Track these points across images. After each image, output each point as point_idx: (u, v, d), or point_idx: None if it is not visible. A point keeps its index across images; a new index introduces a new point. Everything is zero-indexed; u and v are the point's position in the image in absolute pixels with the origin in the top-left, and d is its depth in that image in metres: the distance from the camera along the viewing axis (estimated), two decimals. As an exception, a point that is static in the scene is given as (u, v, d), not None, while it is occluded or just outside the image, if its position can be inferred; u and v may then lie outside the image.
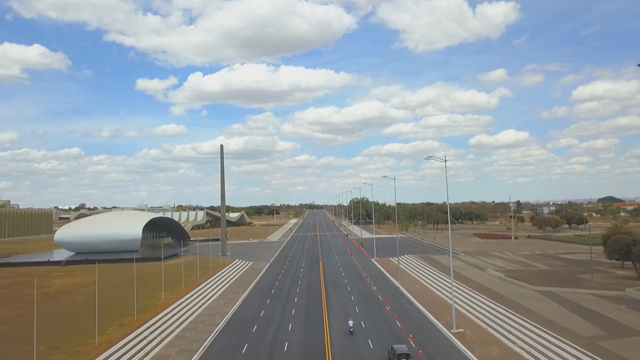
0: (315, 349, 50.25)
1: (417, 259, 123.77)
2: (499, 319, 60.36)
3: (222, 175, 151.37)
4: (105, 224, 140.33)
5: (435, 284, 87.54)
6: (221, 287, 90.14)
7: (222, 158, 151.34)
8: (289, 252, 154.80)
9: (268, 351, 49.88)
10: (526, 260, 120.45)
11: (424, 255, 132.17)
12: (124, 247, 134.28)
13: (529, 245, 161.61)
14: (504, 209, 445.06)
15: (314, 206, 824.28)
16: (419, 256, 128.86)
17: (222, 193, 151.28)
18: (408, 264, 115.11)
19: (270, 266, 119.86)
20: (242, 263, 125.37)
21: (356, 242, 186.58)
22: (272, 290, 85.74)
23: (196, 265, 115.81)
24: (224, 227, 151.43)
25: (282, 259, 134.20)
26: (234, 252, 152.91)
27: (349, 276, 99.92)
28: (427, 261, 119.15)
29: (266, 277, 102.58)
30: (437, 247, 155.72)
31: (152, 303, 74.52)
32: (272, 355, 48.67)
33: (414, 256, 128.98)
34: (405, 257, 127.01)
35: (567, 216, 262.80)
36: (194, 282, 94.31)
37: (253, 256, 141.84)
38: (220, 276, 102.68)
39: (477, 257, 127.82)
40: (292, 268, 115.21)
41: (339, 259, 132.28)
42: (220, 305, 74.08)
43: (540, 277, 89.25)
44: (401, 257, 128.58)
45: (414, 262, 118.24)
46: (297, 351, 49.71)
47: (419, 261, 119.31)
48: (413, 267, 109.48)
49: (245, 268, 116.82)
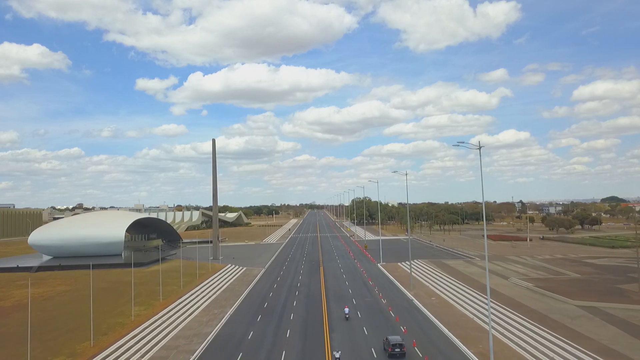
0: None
1: (428, 264, 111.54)
2: (546, 347, 48.17)
3: (214, 172, 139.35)
4: (85, 226, 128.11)
5: (454, 295, 75.32)
6: (206, 299, 77.99)
7: (214, 154, 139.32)
8: (287, 255, 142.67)
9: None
10: (549, 265, 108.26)
11: (434, 260, 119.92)
12: (105, 250, 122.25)
13: (546, 248, 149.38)
14: (508, 209, 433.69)
15: (315, 206, 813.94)
16: (430, 261, 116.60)
17: (215, 191, 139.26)
18: (419, 270, 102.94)
19: (266, 272, 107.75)
20: (235, 269, 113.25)
21: (359, 244, 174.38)
22: (265, 304, 73.63)
23: (183, 272, 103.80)
24: (216, 229, 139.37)
25: (279, 264, 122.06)
26: (227, 256, 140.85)
27: (354, 285, 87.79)
28: (439, 267, 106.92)
29: (260, 286, 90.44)
30: (448, 251, 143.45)
31: (119, 322, 62.33)
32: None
33: (424, 261, 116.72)
34: (414, 263, 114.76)
35: (579, 216, 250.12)
36: (175, 293, 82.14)
37: (247, 260, 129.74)
38: (208, 285, 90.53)
39: (494, 262, 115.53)
40: (290, 275, 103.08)
41: (342, 263, 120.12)
42: (201, 323, 61.98)
43: (576, 288, 77.00)
44: (410, 262, 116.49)
45: (426, 268, 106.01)
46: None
47: (430, 267, 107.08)
48: (425, 275, 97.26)
49: (237, 275, 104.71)
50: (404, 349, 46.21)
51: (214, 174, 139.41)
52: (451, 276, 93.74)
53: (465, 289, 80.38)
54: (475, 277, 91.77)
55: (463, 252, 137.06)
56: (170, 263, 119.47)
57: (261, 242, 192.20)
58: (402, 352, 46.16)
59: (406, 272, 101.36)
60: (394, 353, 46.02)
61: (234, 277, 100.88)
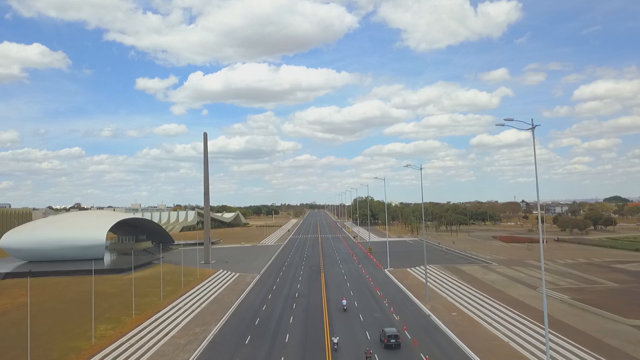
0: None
1: (441, 270, 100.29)
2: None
3: (205, 169, 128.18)
4: (63, 227, 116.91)
5: (478, 310, 64.09)
6: (189, 313, 66.84)
7: (205, 149, 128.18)
8: (285, 259, 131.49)
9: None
10: (577, 272, 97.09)
11: (447, 265, 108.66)
12: (85, 254, 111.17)
13: (565, 251, 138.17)
14: (513, 209, 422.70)
15: (315, 206, 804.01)
16: (443, 266, 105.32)
17: (206, 190, 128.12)
18: (433, 277, 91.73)
19: (260, 279, 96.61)
20: (226, 275, 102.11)
21: (363, 246, 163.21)
22: (257, 320, 62.51)
23: (168, 279, 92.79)
24: (208, 230, 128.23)
25: (275, 269, 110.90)
26: (219, 260, 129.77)
27: (360, 297, 76.60)
28: (454, 274, 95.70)
29: (252, 296, 79.28)
30: (460, 254, 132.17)
31: (75, 346, 51.15)
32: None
33: (436, 266, 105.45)
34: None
35: (591, 217, 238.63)
36: (153, 306, 70.97)
37: (241, 264, 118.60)
38: (193, 295, 79.36)
39: (513, 267, 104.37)
40: (287, 283, 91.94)
41: (345, 269, 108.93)
42: (177, 347, 50.85)
43: (622, 302, 65.81)
44: (421, 267, 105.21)
45: (439, 275, 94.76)
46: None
47: (444, 274, 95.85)
48: (440, 283, 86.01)
49: (229, 282, 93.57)
50: (399, 340, 48.40)
51: (206, 170, 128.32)
52: (470, 285, 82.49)
53: (489, 301, 69.16)
54: (498, 287, 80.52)
55: (477, 255, 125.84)
56: (155, 268, 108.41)
57: (258, 244, 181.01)
58: (397, 343, 48.15)
59: (418, 280, 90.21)
60: (389, 344, 47.96)
61: (224, 285, 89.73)
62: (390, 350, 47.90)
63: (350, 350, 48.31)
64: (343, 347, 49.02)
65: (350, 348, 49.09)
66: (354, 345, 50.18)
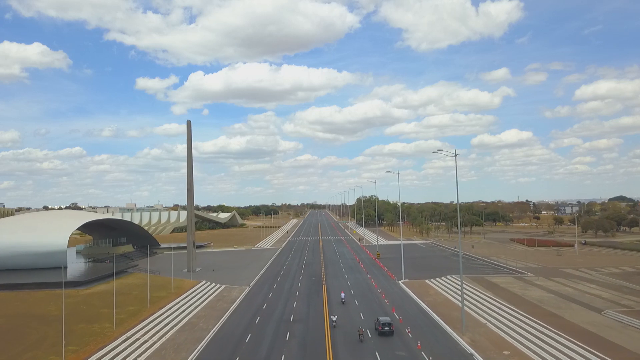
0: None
1: (469, 283, 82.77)
2: None
3: (189, 161, 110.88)
4: (18, 230, 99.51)
5: (540, 348, 46.58)
6: (146, 348, 49.54)
7: (189, 137, 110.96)
8: (282, 266, 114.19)
9: None
10: (632, 284, 79.89)
11: (474, 275, 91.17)
12: (42, 262, 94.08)
13: (601, 258, 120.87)
14: (522, 209, 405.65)
15: (316, 206, 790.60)
16: (470, 278, 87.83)
17: (190, 185, 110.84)
18: (460, 293, 74.46)
19: (249, 295, 79.38)
20: (209, 288, 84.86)
21: (369, 250, 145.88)
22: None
23: (135, 295, 75.72)
24: (191, 233, 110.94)
25: (269, 280, 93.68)
26: (206, 267, 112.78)
27: (374, 323, 59.19)
28: (487, 288, 78.20)
29: (235, 320, 62.01)
30: (484, 262, 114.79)
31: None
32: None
33: (458, 278, 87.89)
34: (449, 280, 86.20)
35: (614, 217, 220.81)
36: (102, 335, 53.63)
37: (230, 273, 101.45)
38: (160, 319, 62.06)
39: (553, 279, 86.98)
40: (281, 299, 74.68)
41: (351, 280, 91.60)
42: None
43: None
44: (443, 278, 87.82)
45: (469, 290, 77.25)
46: None
47: (474, 288, 78.34)
48: (474, 302, 68.52)
49: (210, 298, 76.34)
50: (392, 328, 51.90)
51: (189, 163, 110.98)
52: (512, 305, 65.01)
53: (548, 332, 51.70)
54: (550, 308, 63.09)
55: (503, 263, 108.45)
56: (125, 279, 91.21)
57: (253, 248, 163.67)
58: (391, 331, 51.63)
59: (443, 297, 72.88)
60: (383, 331, 51.47)
61: (203, 303, 72.45)
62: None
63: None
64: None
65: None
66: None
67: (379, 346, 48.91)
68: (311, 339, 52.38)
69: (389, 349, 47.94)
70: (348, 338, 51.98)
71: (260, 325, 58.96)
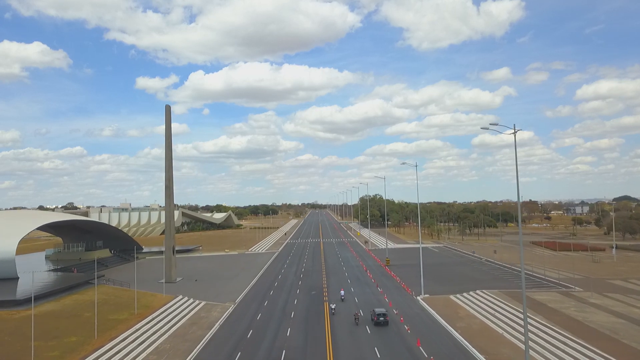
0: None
1: (507, 301, 66.53)
2: None
3: (167, 152, 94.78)
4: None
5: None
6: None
7: (168, 125, 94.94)
8: (276, 276, 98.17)
9: None
10: None
11: (510, 290, 74.78)
12: (-13, 272, 77.84)
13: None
14: (530, 208, 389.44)
15: (317, 205, 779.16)
16: (506, 294, 71.47)
17: (169, 182, 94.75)
18: (502, 316, 58.31)
19: (232, 316, 63.41)
20: (185, 306, 68.83)
21: (375, 254, 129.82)
22: None
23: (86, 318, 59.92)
24: (171, 236, 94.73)
25: (259, 295, 77.65)
26: (188, 276, 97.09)
27: None
28: (533, 308, 61.65)
29: (208, 358, 45.94)
30: (513, 271, 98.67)
31: None
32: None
33: (493, 293, 71.75)
34: (481, 297, 69.93)
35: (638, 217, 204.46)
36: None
37: (215, 285, 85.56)
38: (104, 358, 45.94)
39: (608, 295, 70.77)
40: (272, 323, 58.63)
41: (360, 296, 75.46)
42: None
43: None
44: (472, 294, 71.55)
45: (510, 312, 60.98)
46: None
47: (516, 308, 61.97)
48: (522, 331, 52.15)
49: (182, 322, 60.32)
50: (387, 318, 56.11)
51: (168, 154, 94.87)
52: (576, 336, 48.75)
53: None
54: (629, 341, 46.87)
55: (540, 273, 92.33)
56: (84, 294, 75.03)
57: (246, 252, 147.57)
58: (386, 321, 55.82)
59: (478, 322, 56.83)
60: (378, 321, 55.68)
61: (172, 329, 56.44)
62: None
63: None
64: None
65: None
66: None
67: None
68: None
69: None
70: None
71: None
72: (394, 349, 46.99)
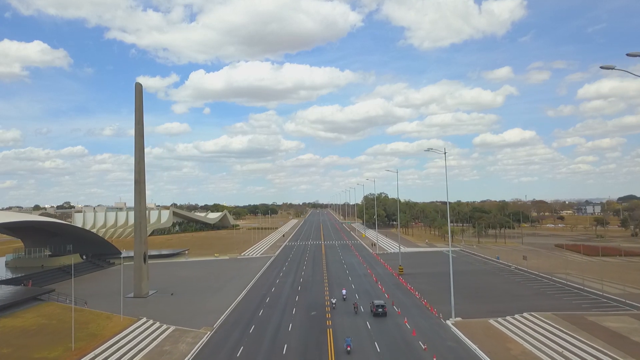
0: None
1: (572, 331, 50.41)
2: None
3: (138, 139, 78.78)
4: None
5: None
6: None
7: (139, 106, 78.98)
8: (269, 289, 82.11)
9: None
10: None
11: (566, 313, 58.61)
12: None
13: None
14: (540, 208, 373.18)
15: (318, 205, 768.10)
16: (565, 319, 55.24)
17: (138, 175, 78.82)
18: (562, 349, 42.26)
19: (204, 350, 47.56)
20: (146, 334, 52.85)
21: (383, 260, 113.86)
22: None
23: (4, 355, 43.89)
24: (142, 242, 78.86)
25: (245, 316, 61.68)
26: (163, 289, 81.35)
27: None
28: (612, 344, 45.66)
29: None
30: (556, 283, 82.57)
31: None
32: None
33: (545, 317, 55.54)
34: (531, 322, 53.68)
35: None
36: None
37: (194, 301, 69.66)
38: None
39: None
40: (255, 366, 42.70)
41: (370, 318, 59.34)
42: None
43: None
44: (518, 317, 55.17)
45: (582, 348, 44.87)
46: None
47: (586, 341, 45.84)
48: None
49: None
50: (385, 309, 58.73)
51: (139, 142, 78.90)
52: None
53: None
54: None
55: (586, 286, 76.28)
56: (20, 316, 59.06)
57: (239, 256, 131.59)
58: (384, 312, 58.46)
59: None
60: (377, 312, 58.36)
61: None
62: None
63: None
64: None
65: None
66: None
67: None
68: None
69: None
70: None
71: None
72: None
